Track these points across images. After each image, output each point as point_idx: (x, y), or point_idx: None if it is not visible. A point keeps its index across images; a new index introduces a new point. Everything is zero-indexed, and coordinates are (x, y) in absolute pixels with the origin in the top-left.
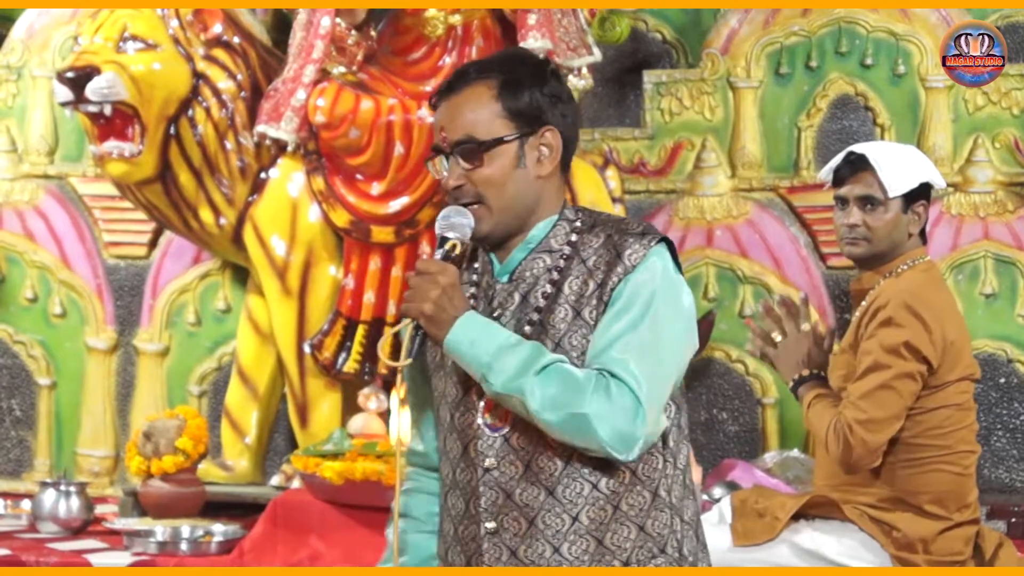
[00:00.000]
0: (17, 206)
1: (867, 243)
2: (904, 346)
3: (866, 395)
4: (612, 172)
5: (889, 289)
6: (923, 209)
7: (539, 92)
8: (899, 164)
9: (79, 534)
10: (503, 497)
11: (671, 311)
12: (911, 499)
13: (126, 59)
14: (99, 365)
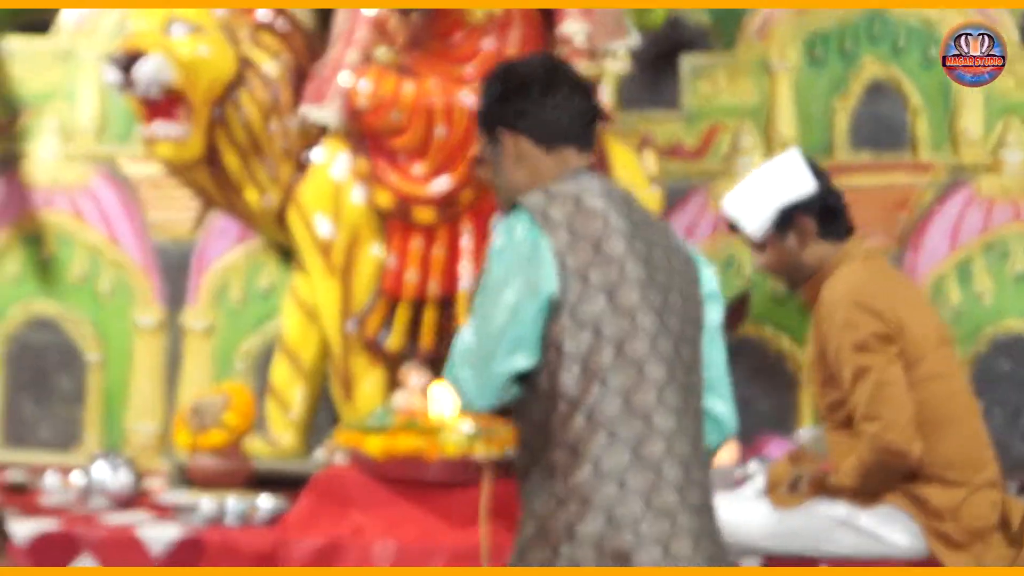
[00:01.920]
0: (66, 187)
1: (782, 275)
2: (871, 338)
3: (869, 402)
4: (649, 153)
5: (828, 295)
6: (808, 222)
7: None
8: (751, 209)
9: (128, 507)
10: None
11: (490, 278)
12: (930, 471)
13: (174, 43)
14: (147, 342)
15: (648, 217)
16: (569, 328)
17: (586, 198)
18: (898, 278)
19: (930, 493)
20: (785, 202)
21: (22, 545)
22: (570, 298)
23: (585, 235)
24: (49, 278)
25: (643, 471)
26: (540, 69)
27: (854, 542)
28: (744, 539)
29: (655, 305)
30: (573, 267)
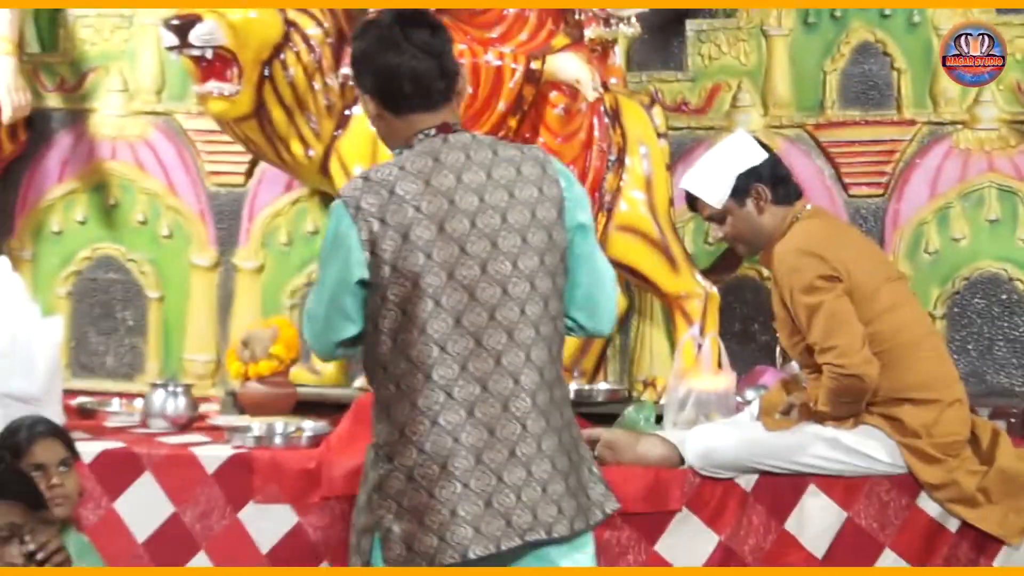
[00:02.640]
0: (129, 140)
1: (743, 244)
2: (817, 279)
3: (823, 335)
4: (657, 111)
5: (778, 250)
6: (762, 189)
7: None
8: (710, 179)
9: (185, 429)
10: None
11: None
12: (903, 394)
13: (225, 8)
14: (202, 280)
15: (496, 166)
16: (380, 308)
17: (402, 184)
18: (840, 227)
19: (904, 413)
20: (741, 170)
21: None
22: (380, 282)
23: (394, 224)
24: (113, 222)
25: (476, 430)
26: (378, 36)
27: (839, 459)
28: (742, 458)
29: (465, 282)
30: (382, 255)
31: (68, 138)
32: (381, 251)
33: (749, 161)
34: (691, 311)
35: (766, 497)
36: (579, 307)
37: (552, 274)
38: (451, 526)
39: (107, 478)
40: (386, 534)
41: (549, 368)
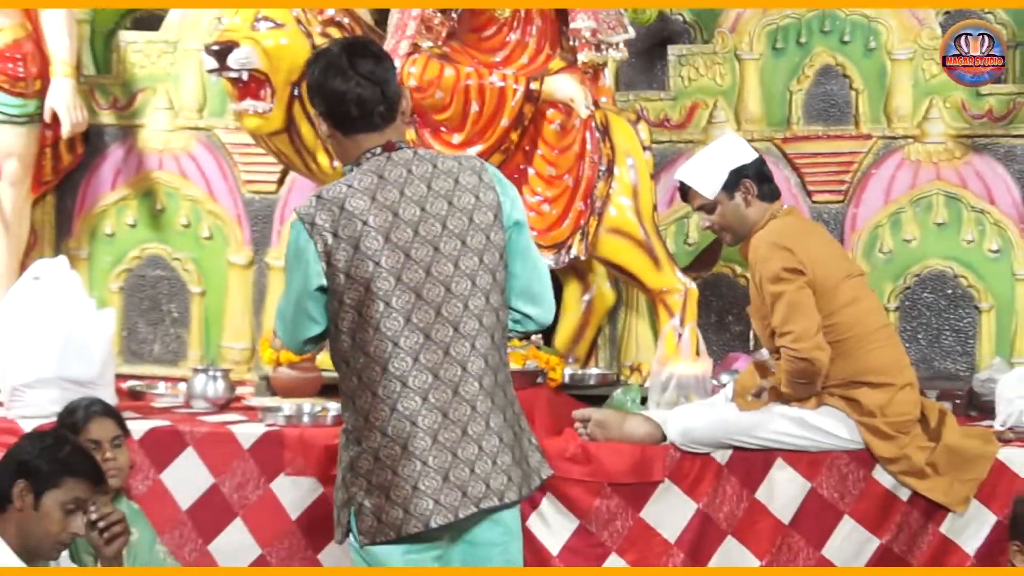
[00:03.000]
0: (174, 152)
1: (729, 233)
2: (783, 271)
3: (782, 320)
4: (643, 126)
5: (754, 242)
6: (750, 184)
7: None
8: (705, 172)
9: (223, 409)
10: None
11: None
12: (861, 378)
13: (259, 35)
14: (238, 277)
15: (436, 178)
16: (339, 311)
17: (351, 201)
18: (810, 226)
19: (861, 395)
20: (733, 166)
21: (138, 439)
22: (337, 288)
23: (346, 237)
24: (160, 225)
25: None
26: (328, 64)
27: (804, 436)
28: (717, 435)
29: (411, 284)
30: (336, 265)
31: (120, 151)
32: (335, 261)
33: (741, 159)
34: (672, 304)
35: (739, 470)
36: (519, 297)
37: (492, 271)
38: (414, 499)
39: (154, 453)
40: (359, 508)
41: (493, 354)
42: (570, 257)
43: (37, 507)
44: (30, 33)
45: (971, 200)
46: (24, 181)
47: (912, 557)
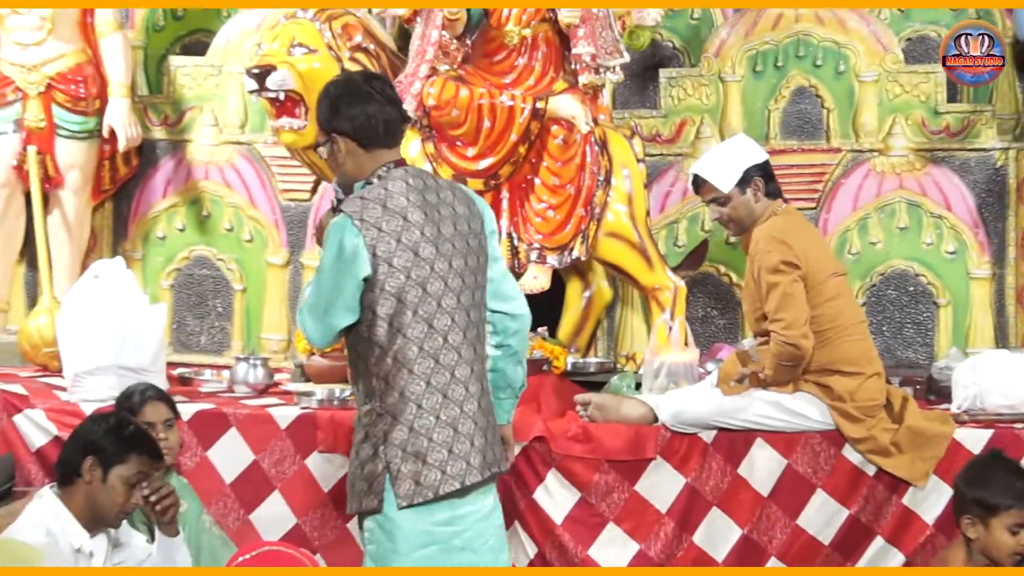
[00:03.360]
0: (218, 164)
1: (735, 224)
2: (781, 263)
3: (776, 308)
4: (637, 140)
5: (757, 233)
6: (759, 182)
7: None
8: (721, 167)
9: (262, 394)
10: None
11: (325, 260)
12: (834, 367)
13: (295, 60)
14: (276, 276)
15: (441, 189)
16: (379, 298)
17: (390, 201)
18: (806, 225)
19: (833, 382)
20: (749, 163)
21: (186, 420)
22: (379, 278)
23: (389, 231)
24: (206, 229)
25: (433, 395)
26: (355, 89)
27: (781, 418)
28: (704, 417)
29: (441, 273)
30: (380, 255)
31: (170, 163)
32: (380, 252)
33: (754, 158)
34: (663, 300)
35: (723, 448)
36: (494, 297)
37: (475, 272)
38: (449, 462)
39: (201, 432)
40: (396, 475)
41: (478, 345)
42: (572, 258)
43: (105, 481)
44: (90, 58)
45: (930, 207)
46: (85, 190)
47: (877, 526)
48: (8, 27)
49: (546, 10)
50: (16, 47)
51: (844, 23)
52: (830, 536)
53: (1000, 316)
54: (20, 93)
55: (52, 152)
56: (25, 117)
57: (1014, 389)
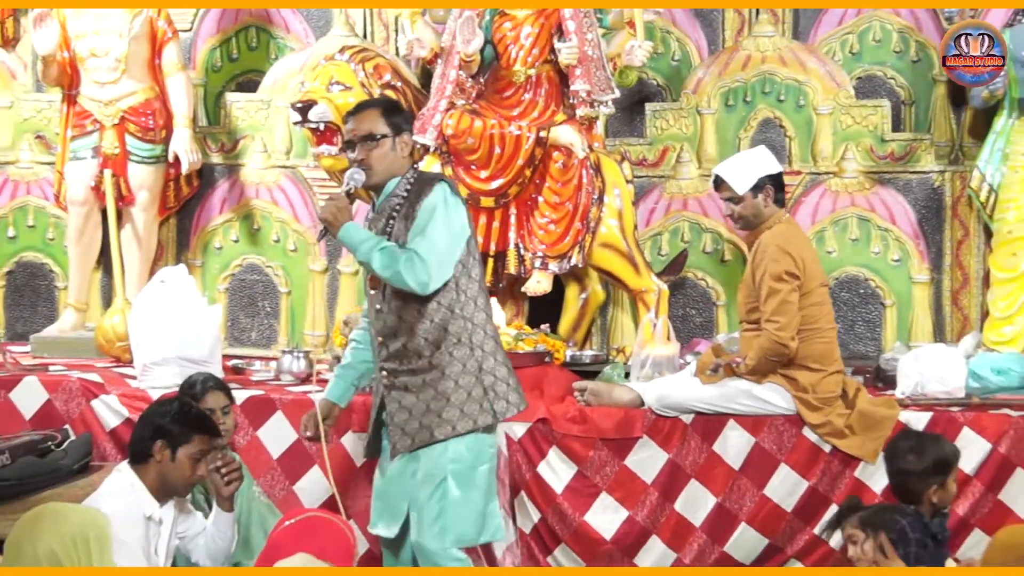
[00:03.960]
0: (267, 185)
1: (743, 221)
2: (785, 273)
3: (774, 311)
4: (626, 164)
5: (766, 239)
6: (770, 190)
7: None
8: (740, 171)
9: (304, 382)
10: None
11: (440, 215)
12: (802, 362)
13: (332, 95)
14: (316, 281)
15: None
16: (466, 257)
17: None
18: (805, 238)
19: (799, 375)
20: (764, 172)
21: (240, 404)
22: (469, 237)
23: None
24: (256, 241)
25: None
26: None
27: (751, 404)
28: (684, 402)
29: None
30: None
31: (226, 184)
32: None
33: (769, 169)
34: (649, 301)
35: (700, 428)
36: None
37: None
38: (510, 393)
39: (252, 415)
40: (495, 394)
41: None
42: (570, 265)
43: (174, 459)
44: (158, 94)
45: (878, 221)
46: (152, 207)
47: (833, 495)
48: (88, 68)
49: (548, 52)
50: (95, 85)
51: (804, 64)
52: (792, 504)
53: (938, 315)
54: (98, 124)
55: (125, 175)
56: (102, 145)
57: (950, 377)
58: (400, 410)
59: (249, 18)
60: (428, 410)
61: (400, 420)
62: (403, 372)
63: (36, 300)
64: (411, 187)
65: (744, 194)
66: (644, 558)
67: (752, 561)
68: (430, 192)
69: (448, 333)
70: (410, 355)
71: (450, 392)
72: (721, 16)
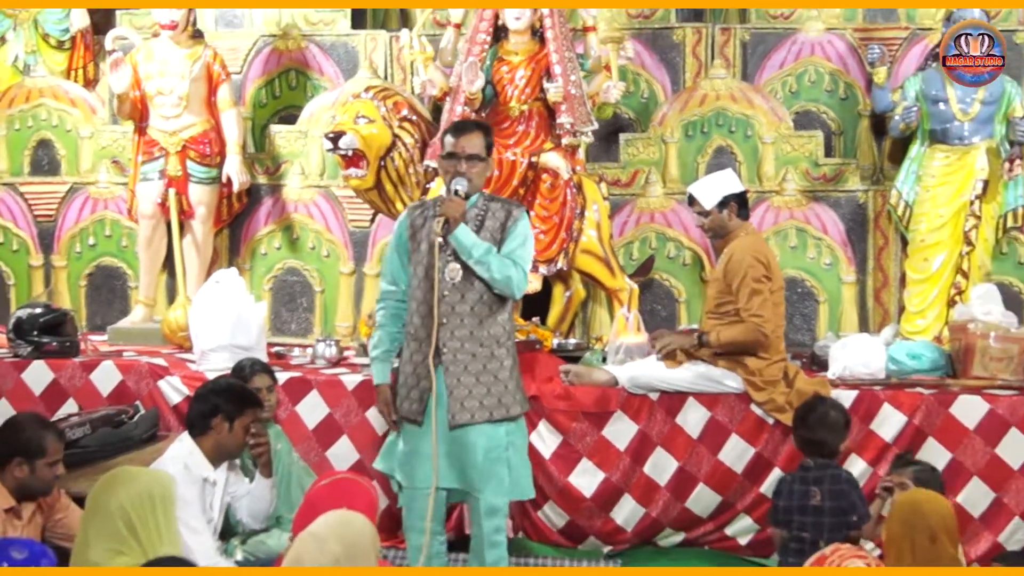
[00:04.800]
0: (304, 202)
1: (711, 232)
2: (763, 276)
3: (757, 307)
4: (603, 184)
5: (740, 249)
6: (734, 206)
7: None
8: (708, 191)
9: (335, 365)
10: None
11: (529, 240)
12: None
13: (359, 127)
14: (345, 281)
15: None
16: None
17: None
18: (769, 247)
19: (749, 362)
20: (727, 192)
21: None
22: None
23: None
24: (296, 248)
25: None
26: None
27: (708, 384)
28: (651, 382)
29: None
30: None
31: (270, 201)
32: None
33: (733, 188)
34: (622, 298)
35: (665, 404)
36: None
37: None
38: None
39: (291, 393)
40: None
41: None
42: (557, 268)
43: (231, 430)
44: (213, 126)
45: (813, 232)
46: (208, 220)
47: (776, 459)
48: (155, 104)
49: (539, 91)
50: (161, 118)
51: (751, 101)
52: (742, 467)
53: (862, 309)
54: (163, 151)
55: (186, 193)
56: (167, 168)
57: (872, 362)
58: (459, 386)
59: (289, 63)
60: (489, 393)
61: (460, 395)
62: (465, 354)
63: (112, 297)
64: (489, 204)
65: (711, 209)
66: (618, 513)
67: (708, 515)
68: (522, 216)
69: (505, 331)
70: (474, 341)
71: (506, 380)
72: (682, 61)
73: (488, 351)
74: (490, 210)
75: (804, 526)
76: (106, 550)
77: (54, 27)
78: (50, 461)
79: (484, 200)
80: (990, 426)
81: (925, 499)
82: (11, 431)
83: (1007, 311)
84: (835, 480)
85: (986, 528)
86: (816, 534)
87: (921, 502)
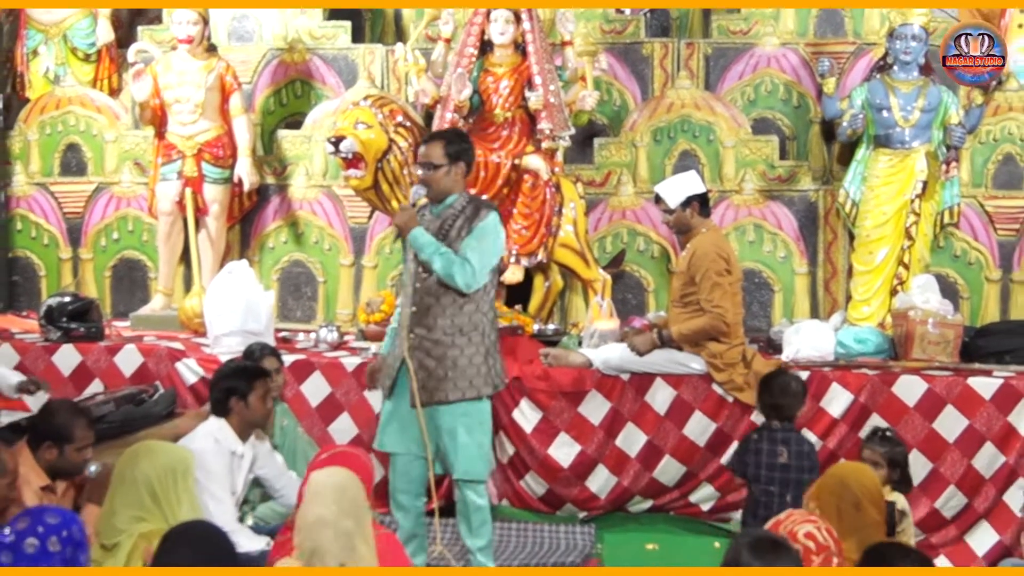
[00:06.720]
0: (308, 200)
1: (675, 228)
2: (724, 270)
3: (719, 299)
4: (579, 184)
5: (702, 244)
6: (696, 205)
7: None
8: (672, 190)
9: (336, 349)
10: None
11: (488, 237)
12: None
13: (358, 132)
14: (345, 273)
15: None
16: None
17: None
18: (729, 243)
19: (711, 346)
20: (690, 193)
21: (287, 366)
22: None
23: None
24: (300, 242)
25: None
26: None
27: (674, 366)
28: (622, 365)
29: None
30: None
31: (277, 199)
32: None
33: (695, 189)
34: (596, 288)
35: (635, 384)
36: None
37: None
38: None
39: (297, 374)
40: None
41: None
42: (537, 260)
43: (248, 406)
44: (226, 131)
45: (769, 228)
46: (222, 216)
47: (735, 434)
48: (174, 111)
49: (521, 99)
50: (178, 124)
51: (713, 109)
52: (704, 441)
53: (813, 298)
54: (181, 154)
55: (201, 192)
56: (184, 169)
57: (822, 345)
58: (420, 368)
59: (295, 73)
60: (445, 377)
61: (421, 377)
62: (428, 340)
63: (133, 287)
64: (466, 205)
65: (676, 208)
66: (593, 482)
67: (674, 484)
68: (487, 216)
69: (471, 322)
70: (438, 330)
71: (465, 367)
72: (651, 72)
73: (450, 339)
74: (465, 209)
75: (772, 480)
76: (131, 517)
77: (82, 41)
78: (78, 447)
79: (463, 200)
80: (928, 403)
81: (850, 471)
82: (45, 416)
83: (944, 299)
84: (799, 443)
85: (924, 495)
86: (783, 488)
87: (847, 475)
